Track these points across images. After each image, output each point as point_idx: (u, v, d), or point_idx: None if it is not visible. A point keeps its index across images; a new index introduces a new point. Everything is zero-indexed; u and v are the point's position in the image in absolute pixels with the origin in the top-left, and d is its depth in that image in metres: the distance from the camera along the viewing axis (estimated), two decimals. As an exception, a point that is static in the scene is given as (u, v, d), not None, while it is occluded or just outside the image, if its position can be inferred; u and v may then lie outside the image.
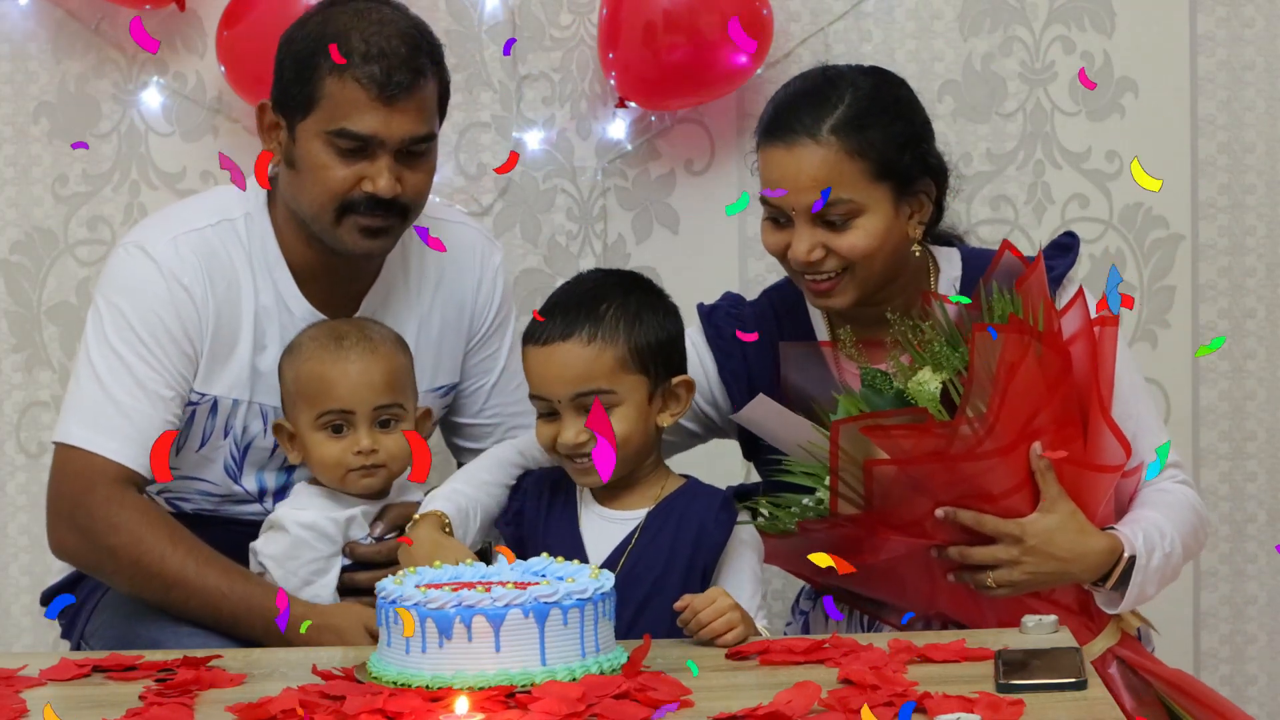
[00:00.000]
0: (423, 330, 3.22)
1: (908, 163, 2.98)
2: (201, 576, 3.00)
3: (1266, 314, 3.85)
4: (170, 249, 3.09)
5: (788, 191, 2.97)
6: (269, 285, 3.14)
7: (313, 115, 3.04)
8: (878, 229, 2.97)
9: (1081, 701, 2.40)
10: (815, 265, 2.98)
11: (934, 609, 2.93)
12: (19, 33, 3.79)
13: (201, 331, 3.09)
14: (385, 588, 2.54)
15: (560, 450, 2.89)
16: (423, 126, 3.07)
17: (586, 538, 2.91)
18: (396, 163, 3.05)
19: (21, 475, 3.86)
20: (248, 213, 3.14)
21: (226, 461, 3.17)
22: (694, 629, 2.69)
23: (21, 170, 3.82)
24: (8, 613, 3.87)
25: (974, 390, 2.81)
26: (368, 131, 3.02)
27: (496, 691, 2.43)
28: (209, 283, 3.10)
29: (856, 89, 3.00)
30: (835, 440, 2.84)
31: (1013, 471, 2.84)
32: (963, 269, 3.09)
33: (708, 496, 2.91)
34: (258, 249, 3.14)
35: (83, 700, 2.52)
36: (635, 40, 3.66)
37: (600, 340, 2.87)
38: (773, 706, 2.33)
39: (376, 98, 3.01)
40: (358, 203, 3.05)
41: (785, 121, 2.99)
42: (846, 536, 2.87)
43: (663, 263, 3.75)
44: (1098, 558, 2.88)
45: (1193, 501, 3.03)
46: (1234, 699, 3.85)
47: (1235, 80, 3.81)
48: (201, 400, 3.12)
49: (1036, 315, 2.86)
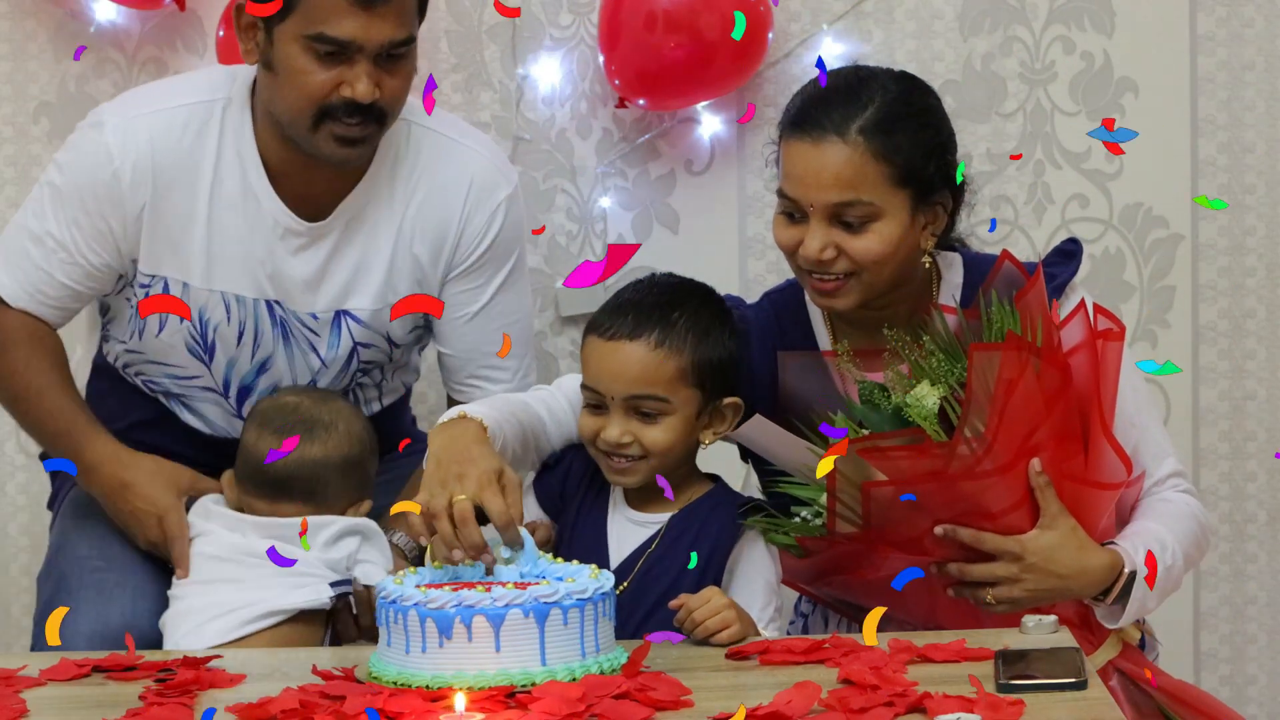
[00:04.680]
0: (399, 245, 3.18)
1: (931, 172, 2.94)
2: (40, 395, 3.14)
3: (1266, 314, 3.85)
4: (122, 127, 3.13)
5: (807, 187, 2.92)
6: (236, 175, 3.13)
7: (291, 18, 3.02)
8: (893, 235, 2.92)
9: (1081, 701, 2.40)
10: (825, 265, 2.93)
11: (933, 623, 2.93)
12: (19, 33, 3.79)
13: (125, 214, 3.11)
14: (385, 587, 2.54)
15: (600, 446, 2.89)
16: (402, 30, 3.04)
17: (611, 538, 2.92)
18: (375, 67, 3.03)
19: (21, 475, 3.86)
20: (229, 98, 3.14)
21: (189, 343, 3.18)
22: (689, 627, 2.70)
23: (21, 170, 3.82)
24: (8, 613, 3.87)
25: (972, 409, 2.79)
26: (346, 36, 3.01)
27: (496, 691, 2.43)
28: (153, 166, 3.11)
29: (887, 92, 2.94)
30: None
31: (1012, 489, 2.83)
32: (964, 276, 3.05)
33: (728, 505, 2.92)
34: (230, 139, 3.13)
35: (83, 700, 2.52)
36: (635, 40, 3.66)
37: (667, 347, 2.87)
38: (773, 706, 2.33)
39: (355, 2, 3.00)
40: (335, 108, 3.03)
41: (813, 117, 2.93)
42: (846, 553, 2.87)
43: (663, 263, 3.73)
44: (1098, 574, 2.87)
45: (1195, 511, 3.01)
46: (1234, 699, 3.85)
47: (1235, 80, 3.81)
48: (153, 282, 3.15)
49: (1035, 330, 2.83)
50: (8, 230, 3.24)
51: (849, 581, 2.93)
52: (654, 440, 2.87)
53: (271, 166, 3.14)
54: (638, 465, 2.88)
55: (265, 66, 3.08)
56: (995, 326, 2.88)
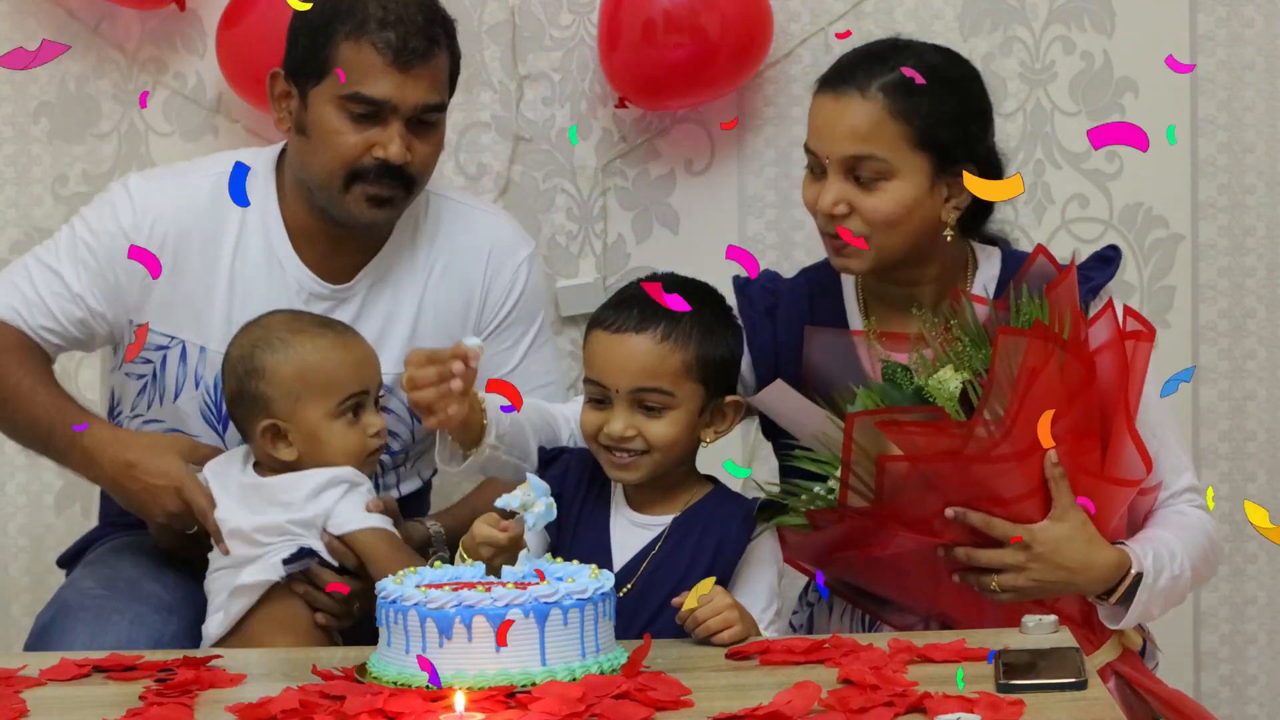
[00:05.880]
0: (423, 308, 3.22)
1: (951, 139, 2.94)
2: (33, 393, 3.11)
3: (1266, 314, 3.85)
4: (146, 189, 3.18)
5: (824, 139, 2.96)
6: (260, 240, 3.16)
7: (326, 80, 3.07)
8: (905, 197, 2.94)
9: (1081, 701, 2.40)
10: (837, 221, 2.95)
11: (936, 608, 2.93)
12: (19, 33, 3.79)
13: (136, 273, 3.12)
14: (385, 588, 2.54)
15: (602, 441, 2.89)
16: (435, 95, 3.10)
17: (614, 541, 2.92)
18: (407, 131, 3.07)
19: (21, 475, 3.86)
20: (253, 170, 3.16)
21: (204, 411, 3.18)
22: (691, 627, 2.70)
23: (21, 170, 3.82)
24: (8, 613, 3.87)
25: (993, 393, 2.80)
26: (381, 96, 3.05)
27: (496, 691, 2.43)
28: (175, 230, 3.14)
29: (919, 59, 2.97)
30: (849, 432, 2.83)
31: (1026, 477, 2.83)
32: (1001, 271, 3.06)
33: (732, 506, 2.92)
34: (255, 205, 3.16)
35: (83, 700, 2.52)
36: (635, 40, 3.66)
37: (672, 341, 2.87)
38: (773, 706, 2.33)
39: (392, 63, 3.05)
40: (367, 170, 3.07)
41: (840, 74, 2.98)
42: (854, 528, 2.87)
43: (663, 263, 3.74)
44: (1104, 570, 2.87)
45: (1207, 527, 3.01)
46: (1234, 699, 3.86)
47: (1235, 80, 3.81)
48: (171, 344, 3.15)
49: (1063, 323, 2.85)
50: (20, 259, 3.26)
51: (855, 560, 2.93)
52: (657, 435, 2.87)
53: (295, 233, 3.17)
54: (640, 461, 2.88)
55: (299, 131, 3.12)
56: (1024, 317, 2.88)
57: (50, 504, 3.86)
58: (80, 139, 3.81)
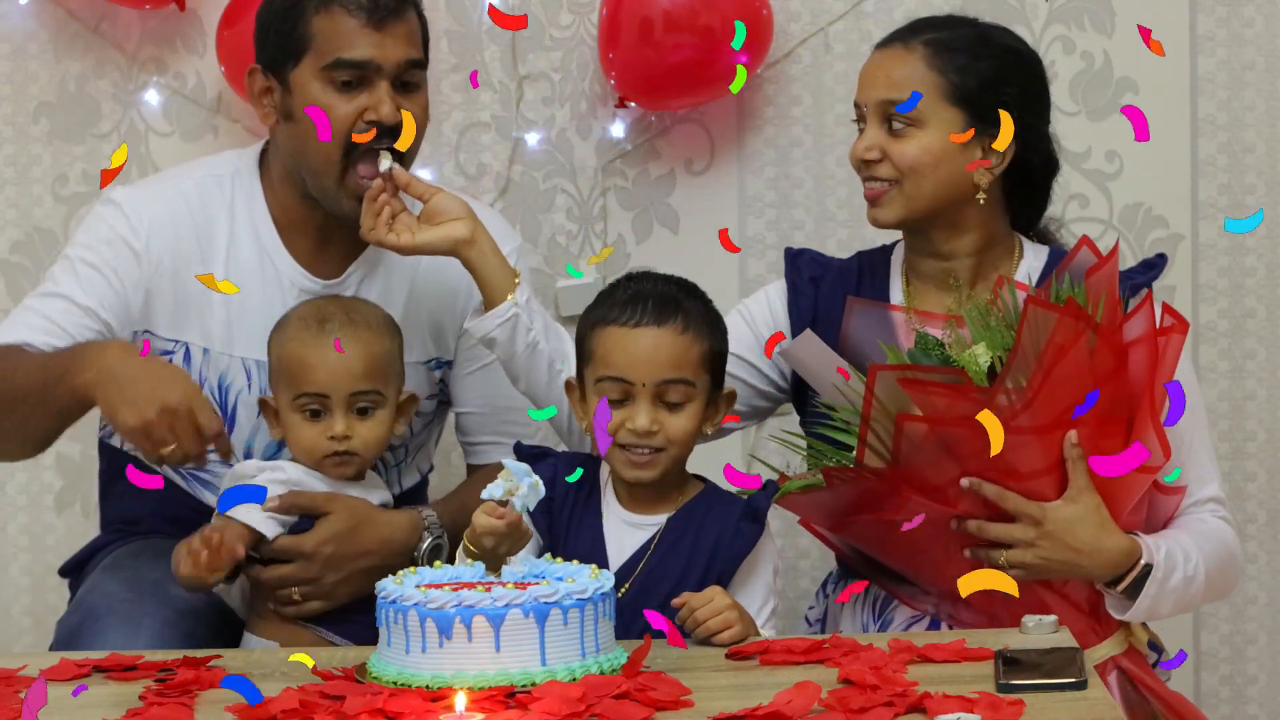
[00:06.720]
0: (412, 301, 3.22)
1: (985, 101, 3.01)
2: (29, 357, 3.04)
3: (1266, 314, 3.85)
4: (134, 201, 3.17)
5: (864, 88, 3.07)
6: (251, 239, 3.17)
7: (306, 57, 3.08)
8: (933, 146, 3.02)
9: (1081, 701, 2.40)
10: (871, 166, 3.05)
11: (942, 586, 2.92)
12: (19, 33, 3.79)
13: (138, 278, 3.12)
14: (385, 587, 2.54)
15: (623, 439, 2.88)
16: (415, 50, 3.11)
17: (609, 542, 2.92)
18: (394, 91, 3.08)
19: (21, 475, 3.86)
20: (236, 170, 3.19)
21: None
22: (691, 627, 2.70)
23: (21, 170, 3.82)
24: (8, 613, 3.87)
25: (1018, 363, 2.81)
26: (363, 57, 3.06)
27: (496, 691, 2.43)
28: (172, 235, 3.14)
29: (975, 29, 3.09)
30: (870, 386, 2.84)
31: (1044, 454, 2.84)
32: (1046, 264, 3.10)
33: (726, 504, 2.92)
34: (242, 204, 3.17)
35: (83, 700, 2.52)
36: (635, 40, 3.66)
37: (691, 333, 2.89)
38: (773, 706, 2.33)
39: (366, 23, 3.06)
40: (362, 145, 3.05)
41: (894, 34, 3.11)
42: (869, 490, 2.88)
43: (663, 263, 3.73)
44: (1113, 556, 2.88)
45: (1226, 538, 3.01)
46: (1234, 699, 3.86)
47: (1235, 80, 3.81)
48: (175, 348, 3.16)
49: (1098, 306, 2.86)
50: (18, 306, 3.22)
51: (867, 525, 2.94)
52: (678, 429, 2.87)
53: (285, 230, 3.18)
54: (658, 458, 2.88)
55: (286, 119, 3.12)
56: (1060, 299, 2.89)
57: (50, 504, 3.86)
58: (80, 139, 3.81)
